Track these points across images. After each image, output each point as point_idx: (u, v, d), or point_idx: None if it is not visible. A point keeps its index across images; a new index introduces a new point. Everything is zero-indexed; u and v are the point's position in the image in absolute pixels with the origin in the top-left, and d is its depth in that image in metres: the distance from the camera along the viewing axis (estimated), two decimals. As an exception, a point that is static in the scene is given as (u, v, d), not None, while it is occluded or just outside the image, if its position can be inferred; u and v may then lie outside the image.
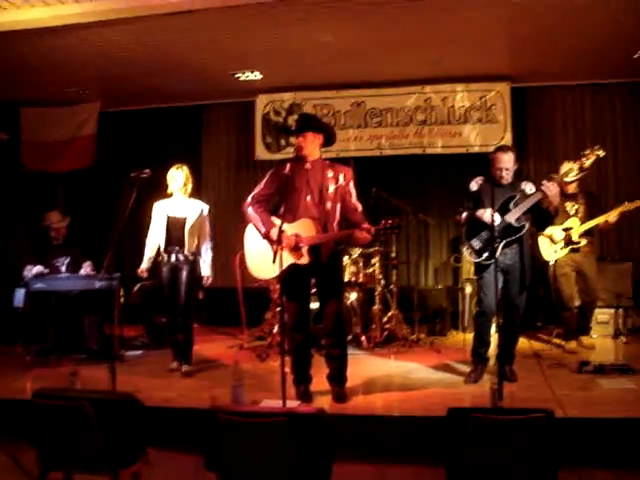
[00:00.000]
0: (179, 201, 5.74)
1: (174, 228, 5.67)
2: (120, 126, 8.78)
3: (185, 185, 5.69)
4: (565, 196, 6.33)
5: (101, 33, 6.14)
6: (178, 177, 5.67)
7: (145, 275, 5.81)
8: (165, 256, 5.68)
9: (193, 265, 5.70)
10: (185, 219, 5.67)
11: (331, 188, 4.50)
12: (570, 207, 6.30)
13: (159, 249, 5.72)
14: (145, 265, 5.76)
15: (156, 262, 5.79)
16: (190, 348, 5.77)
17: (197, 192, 6.06)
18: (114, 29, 6.05)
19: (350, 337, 6.58)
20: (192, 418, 4.03)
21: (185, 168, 5.73)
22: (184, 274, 5.63)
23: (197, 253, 5.76)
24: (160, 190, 5.74)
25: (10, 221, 8.82)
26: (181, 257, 5.64)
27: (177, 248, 5.65)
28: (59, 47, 6.42)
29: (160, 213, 5.74)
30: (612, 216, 6.09)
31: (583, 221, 6.22)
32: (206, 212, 5.85)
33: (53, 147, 8.52)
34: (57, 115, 8.51)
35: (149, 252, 5.76)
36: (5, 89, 7.82)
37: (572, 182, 6.16)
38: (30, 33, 6.01)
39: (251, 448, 2.75)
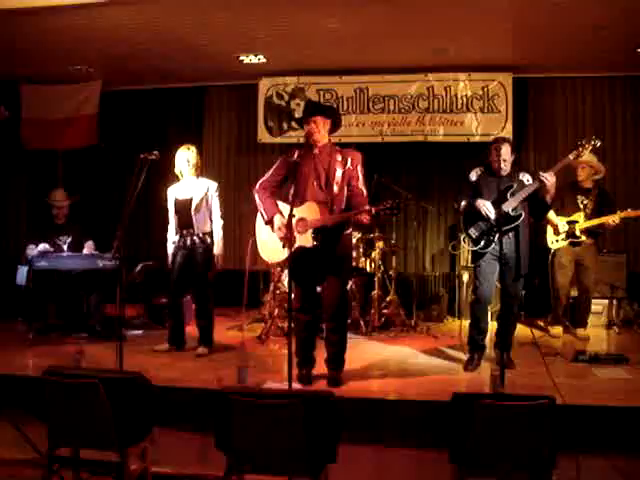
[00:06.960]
0: (187, 182, 5.67)
1: (182, 210, 5.61)
2: (121, 106, 8.72)
3: (192, 165, 5.61)
4: (579, 190, 6.42)
5: (105, 13, 6.08)
6: (184, 157, 5.60)
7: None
8: (180, 240, 5.64)
9: (209, 247, 5.62)
10: (191, 199, 5.59)
11: (338, 172, 4.51)
12: (581, 201, 6.39)
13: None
14: (171, 250, 5.71)
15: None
16: (211, 331, 5.73)
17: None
18: (118, 9, 6.01)
19: (349, 321, 6.66)
20: (199, 398, 4.11)
21: (193, 148, 5.67)
22: (199, 258, 5.58)
23: (211, 234, 5.65)
24: (161, 171, 5.75)
25: (9, 199, 8.79)
26: (196, 239, 5.58)
27: (190, 230, 5.58)
28: (62, 26, 6.35)
29: (171, 197, 5.72)
30: (612, 220, 6.14)
31: (589, 217, 6.31)
32: (213, 189, 5.69)
33: (53, 125, 8.43)
34: (58, 93, 8.41)
35: (171, 236, 5.72)
36: (6, 66, 7.74)
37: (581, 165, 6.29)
38: (33, 12, 5.96)
39: (261, 429, 2.81)
